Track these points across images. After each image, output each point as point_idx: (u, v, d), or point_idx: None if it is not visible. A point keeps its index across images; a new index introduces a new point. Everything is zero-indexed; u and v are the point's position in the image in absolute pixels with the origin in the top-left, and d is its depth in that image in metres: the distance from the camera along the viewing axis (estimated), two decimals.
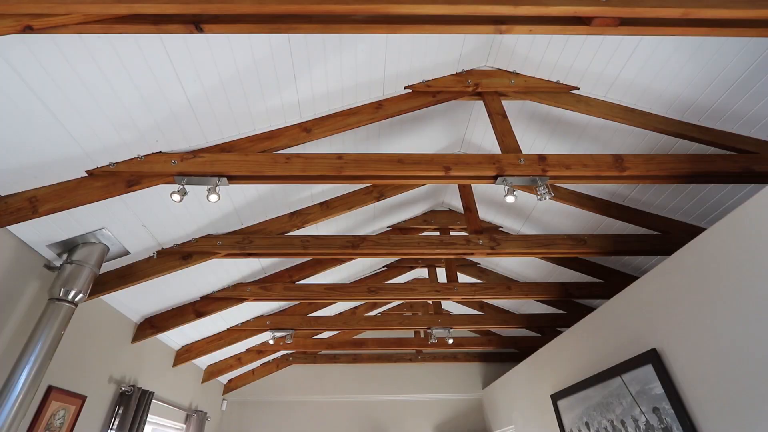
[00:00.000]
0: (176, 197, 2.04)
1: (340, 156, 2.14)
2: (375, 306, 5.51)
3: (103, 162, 2.12)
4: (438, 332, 5.32)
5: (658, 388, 2.22)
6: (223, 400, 5.53)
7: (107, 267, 2.74)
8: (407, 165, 2.12)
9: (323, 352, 5.98)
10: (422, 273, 5.37)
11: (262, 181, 2.18)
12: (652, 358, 2.24)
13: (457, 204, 4.10)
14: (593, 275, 3.75)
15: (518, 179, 2.12)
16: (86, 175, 2.12)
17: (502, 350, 6.00)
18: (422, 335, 5.97)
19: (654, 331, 2.32)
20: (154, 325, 3.46)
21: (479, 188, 3.73)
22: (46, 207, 2.02)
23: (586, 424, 2.94)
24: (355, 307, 5.52)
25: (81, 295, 2.30)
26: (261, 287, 3.58)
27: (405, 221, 4.14)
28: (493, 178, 2.14)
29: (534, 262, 4.18)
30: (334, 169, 2.10)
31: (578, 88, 2.65)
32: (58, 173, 2.06)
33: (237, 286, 3.61)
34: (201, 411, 4.47)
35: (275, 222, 3.08)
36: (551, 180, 2.16)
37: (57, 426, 2.46)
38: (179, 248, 2.84)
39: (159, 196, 2.46)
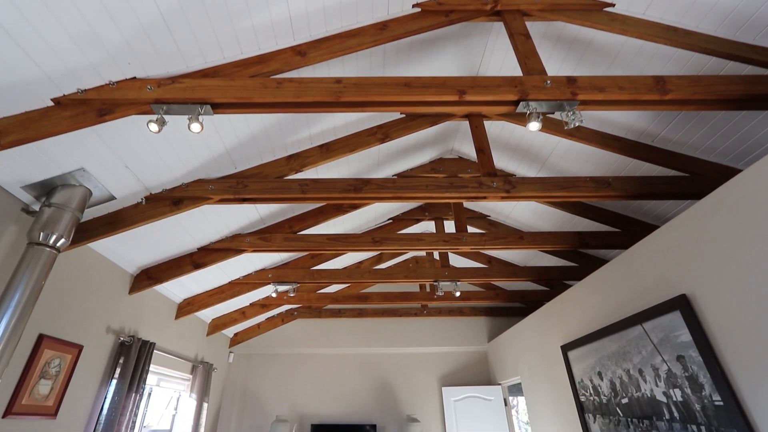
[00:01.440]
0: (154, 127, 1.80)
1: (338, 80, 1.87)
2: (380, 260, 5.39)
3: (71, 89, 1.86)
4: (445, 285, 5.24)
5: (684, 336, 2.06)
6: (230, 352, 5.59)
7: (93, 213, 2.56)
8: (415, 89, 1.84)
9: (328, 307, 5.96)
10: (429, 226, 5.19)
11: (251, 110, 1.92)
12: (681, 304, 2.07)
13: (468, 150, 3.83)
14: (611, 225, 3.53)
15: (543, 104, 1.84)
16: (52, 104, 1.87)
17: (508, 305, 5.94)
18: (428, 289, 5.91)
19: (684, 277, 2.13)
20: (151, 276, 3.34)
21: (492, 131, 3.44)
22: (9, 139, 1.80)
23: (599, 373, 2.84)
24: (360, 262, 5.41)
25: (63, 240, 2.13)
26: (260, 238, 3.42)
27: (411, 169, 3.89)
28: (515, 104, 1.86)
29: (547, 213, 3.96)
30: (332, 94, 1.84)
31: (613, 5, 2.29)
32: (19, 102, 1.81)
33: (235, 237, 3.45)
34: (207, 362, 4.49)
35: (271, 166, 2.85)
36: (581, 106, 1.88)
37: (53, 373, 2.39)
38: (169, 193, 2.64)
39: (139, 132, 2.22)
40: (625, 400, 2.55)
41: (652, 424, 2.30)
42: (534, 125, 1.83)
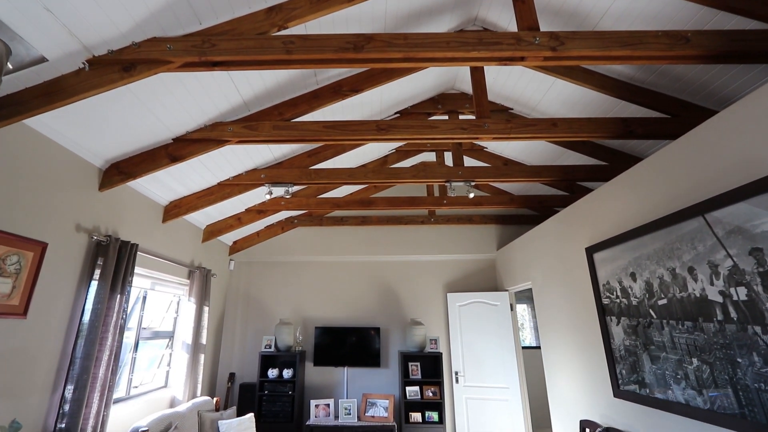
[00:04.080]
0: None
1: None
2: (386, 164, 4.91)
3: None
4: (457, 186, 4.80)
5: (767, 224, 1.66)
6: (230, 260, 5.43)
7: (24, 81, 2.02)
8: None
9: (330, 214, 5.66)
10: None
11: None
12: None
13: (495, 19, 3.08)
14: (662, 111, 2.95)
15: None
16: None
17: (520, 212, 5.61)
18: (437, 194, 5.54)
19: None
20: (122, 170, 2.90)
21: None
22: None
23: (632, 274, 2.54)
24: (364, 165, 4.94)
25: None
26: (245, 126, 2.89)
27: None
28: None
29: (583, 102, 3.35)
30: None
31: None
32: None
33: (216, 126, 2.93)
34: (204, 268, 4.30)
35: (247, 21, 2.20)
36: None
37: (11, 271, 2.08)
38: (116, 56, 2.06)
39: None
40: (662, 302, 2.27)
41: (696, 326, 2.03)
42: None
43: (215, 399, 3.74)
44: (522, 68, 3.32)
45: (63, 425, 2.29)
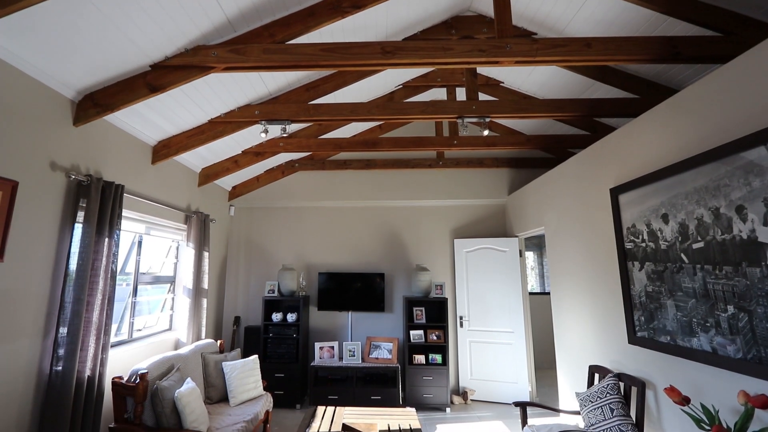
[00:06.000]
0: None
1: None
2: (392, 100, 4.51)
3: None
4: (470, 124, 4.44)
5: None
6: (230, 206, 5.25)
7: None
8: None
9: (333, 158, 5.36)
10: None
11: None
12: None
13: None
14: (714, 29, 2.52)
15: None
16: None
17: (534, 155, 5.27)
18: (446, 133, 5.18)
19: None
20: (98, 102, 2.60)
21: None
22: None
23: (663, 216, 2.30)
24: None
25: None
26: (231, 50, 2.53)
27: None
28: None
29: (618, 21, 2.89)
30: None
31: None
32: None
33: (198, 50, 2.57)
34: (201, 213, 4.12)
35: None
36: None
37: None
38: None
39: None
40: (698, 245, 2.05)
41: (737, 271, 1.83)
42: None
43: (219, 341, 3.73)
44: None
45: (59, 368, 2.23)
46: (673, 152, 2.28)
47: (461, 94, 4.63)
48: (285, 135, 3.57)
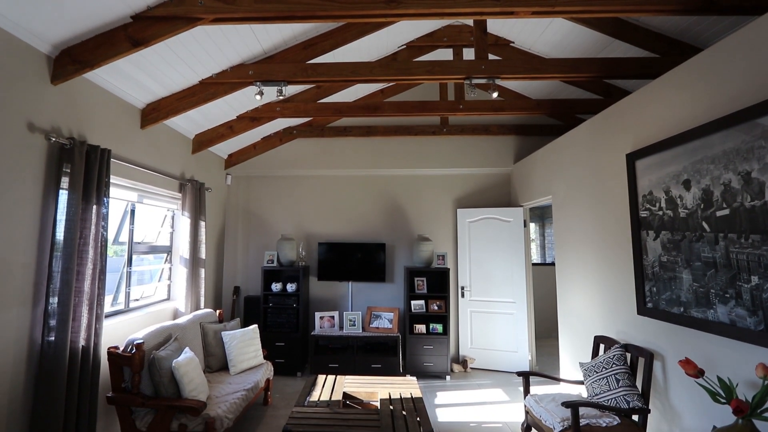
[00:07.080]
0: None
1: None
2: (395, 59, 4.25)
3: None
4: (478, 85, 4.20)
5: None
6: (227, 174, 5.09)
7: None
8: None
9: (332, 124, 5.14)
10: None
11: None
12: None
13: None
14: None
15: None
16: None
17: (542, 122, 5.06)
18: (451, 98, 4.94)
19: None
20: (76, 58, 2.39)
21: None
22: None
23: (686, 182, 2.16)
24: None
25: None
26: None
27: None
28: None
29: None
30: None
31: None
32: None
33: None
34: (196, 181, 3.97)
35: None
36: None
37: None
38: None
39: None
40: (723, 212, 1.92)
41: (765, 240, 1.70)
42: None
43: (218, 311, 3.69)
44: None
45: (51, 338, 2.16)
46: (699, 114, 2.11)
47: (468, 54, 4.36)
48: (282, 97, 3.35)
